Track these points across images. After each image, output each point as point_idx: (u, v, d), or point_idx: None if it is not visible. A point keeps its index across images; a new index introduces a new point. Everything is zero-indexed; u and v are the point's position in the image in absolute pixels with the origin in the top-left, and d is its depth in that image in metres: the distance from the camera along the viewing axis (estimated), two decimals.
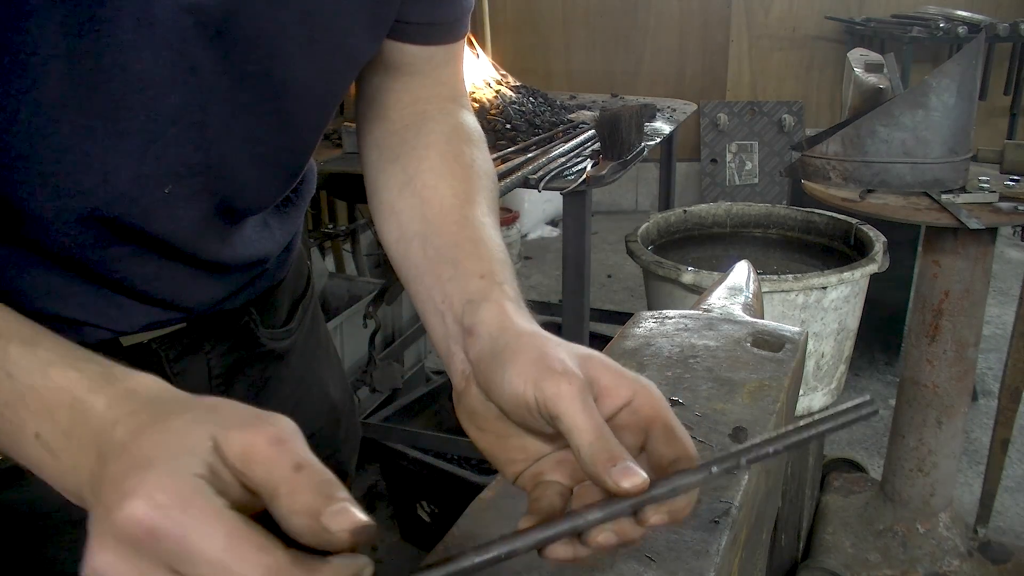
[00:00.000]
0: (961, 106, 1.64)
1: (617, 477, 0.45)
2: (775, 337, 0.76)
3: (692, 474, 0.47)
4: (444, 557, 0.44)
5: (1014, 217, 1.63)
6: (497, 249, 0.63)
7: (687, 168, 4.68)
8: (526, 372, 0.50)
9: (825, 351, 1.73)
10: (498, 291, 0.58)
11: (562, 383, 0.48)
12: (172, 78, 0.56)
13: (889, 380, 3.05)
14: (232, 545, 0.37)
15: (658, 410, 0.50)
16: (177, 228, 0.64)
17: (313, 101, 0.67)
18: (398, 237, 0.69)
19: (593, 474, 0.47)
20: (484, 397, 0.54)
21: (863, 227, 1.84)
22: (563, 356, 0.51)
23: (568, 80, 4.66)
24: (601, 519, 0.46)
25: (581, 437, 0.47)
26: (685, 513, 0.48)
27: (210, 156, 0.62)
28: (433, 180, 0.69)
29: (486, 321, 0.55)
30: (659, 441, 0.50)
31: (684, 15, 4.64)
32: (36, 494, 0.69)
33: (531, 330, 0.54)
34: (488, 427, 0.55)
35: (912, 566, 1.87)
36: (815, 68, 4.67)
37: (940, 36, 3.88)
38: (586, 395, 0.49)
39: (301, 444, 0.41)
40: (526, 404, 0.50)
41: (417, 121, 0.74)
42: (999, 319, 3.45)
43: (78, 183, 0.58)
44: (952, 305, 1.76)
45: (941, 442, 1.86)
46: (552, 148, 2.06)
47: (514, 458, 0.54)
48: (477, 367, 0.55)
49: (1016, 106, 4.22)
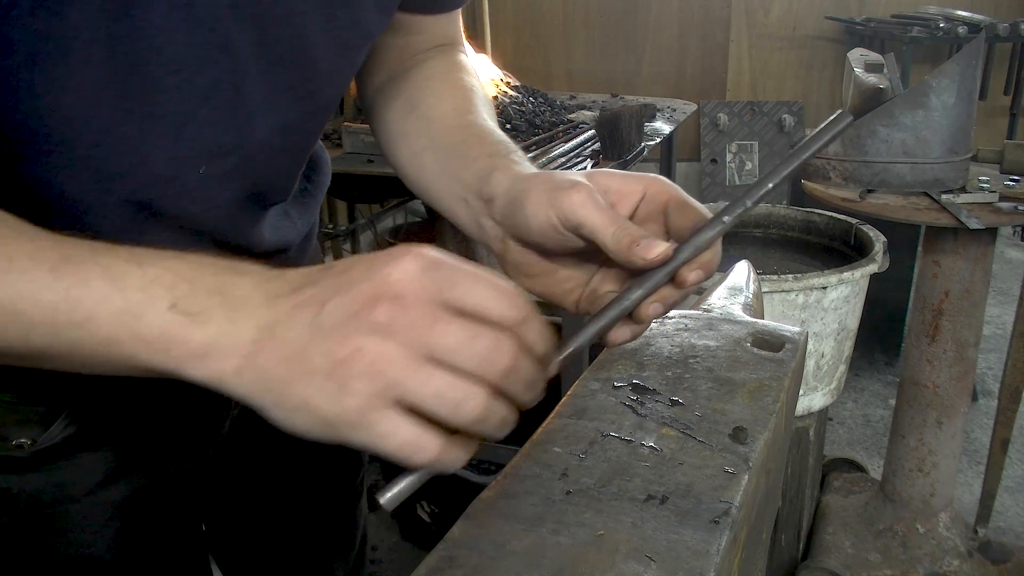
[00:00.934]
0: (961, 106, 1.64)
1: (642, 252, 0.51)
2: (775, 337, 0.76)
3: (709, 228, 0.53)
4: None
5: (1014, 217, 1.63)
6: (499, 136, 0.69)
7: (687, 168, 4.68)
8: (542, 200, 0.55)
9: (825, 351, 1.73)
10: (505, 160, 0.63)
11: (573, 194, 0.54)
12: (204, 58, 0.58)
13: (889, 380, 3.05)
14: (495, 281, 0.46)
15: (670, 192, 0.56)
16: (211, 210, 0.66)
17: (333, 80, 0.69)
18: (410, 155, 0.74)
19: (623, 260, 0.53)
20: (521, 247, 0.60)
21: (863, 227, 1.84)
22: (569, 176, 0.56)
23: (568, 80, 4.66)
24: (643, 295, 0.52)
25: (603, 232, 0.53)
26: (715, 265, 0.55)
27: (242, 135, 0.63)
28: (435, 101, 0.74)
29: (500, 182, 0.61)
30: (676, 216, 0.55)
31: (684, 15, 4.63)
32: (39, 483, 0.71)
33: (537, 170, 0.60)
34: (535, 271, 0.61)
35: (912, 566, 1.87)
36: (815, 68, 4.67)
37: (940, 36, 3.88)
38: (596, 196, 0.54)
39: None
40: (552, 226, 0.55)
41: (418, 63, 0.79)
42: (999, 319, 3.45)
43: (117, 165, 0.59)
44: (952, 305, 1.76)
45: (941, 442, 1.86)
46: (552, 148, 2.06)
47: (569, 288, 0.60)
48: (504, 224, 0.60)
49: (1016, 106, 4.22)
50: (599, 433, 0.62)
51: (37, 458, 0.70)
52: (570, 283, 0.61)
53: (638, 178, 0.57)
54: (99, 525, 0.76)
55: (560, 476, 0.58)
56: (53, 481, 0.72)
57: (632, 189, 0.56)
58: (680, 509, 0.55)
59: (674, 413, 0.65)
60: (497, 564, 0.49)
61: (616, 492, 0.56)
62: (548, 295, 0.61)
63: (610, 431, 0.63)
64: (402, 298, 0.43)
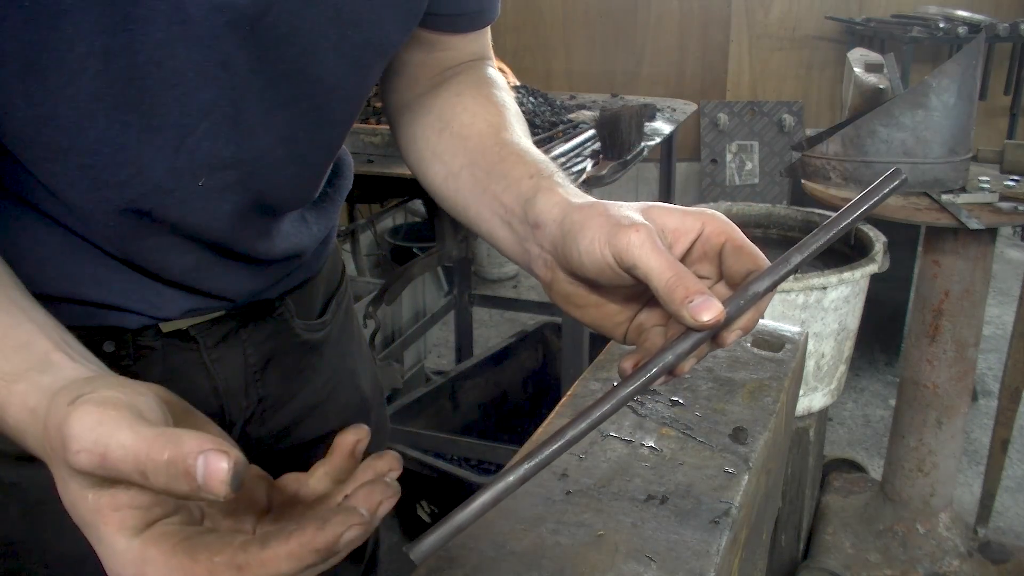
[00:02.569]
0: (961, 106, 1.64)
1: (695, 312, 0.49)
2: (775, 337, 0.76)
3: (760, 282, 0.51)
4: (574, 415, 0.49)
5: (1014, 217, 1.63)
6: (539, 156, 0.67)
7: (687, 168, 4.68)
8: (598, 236, 0.53)
9: (825, 351, 1.73)
10: (548, 182, 0.62)
11: (631, 233, 0.52)
12: (204, 74, 0.58)
13: (889, 380, 3.05)
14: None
15: (727, 232, 0.54)
16: (213, 220, 0.66)
17: (344, 95, 0.69)
18: (445, 175, 0.72)
19: (673, 312, 0.51)
20: (570, 278, 0.59)
21: (863, 227, 1.84)
22: (626, 212, 0.55)
23: (568, 80, 4.66)
24: (687, 350, 0.51)
25: (658, 278, 0.51)
26: (754, 325, 0.53)
27: (242, 150, 0.63)
28: (469, 119, 0.72)
29: (547, 210, 0.59)
30: (730, 259, 0.54)
31: (684, 15, 4.63)
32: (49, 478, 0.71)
33: (590, 201, 0.58)
34: (584, 302, 0.59)
35: (912, 566, 1.87)
36: (815, 68, 4.67)
37: (940, 36, 3.88)
38: (655, 238, 0.52)
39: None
40: (606, 264, 0.53)
41: (447, 79, 0.78)
42: (999, 319, 3.45)
43: (115, 175, 0.59)
44: (952, 305, 1.76)
45: (941, 442, 1.86)
46: (552, 148, 2.06)
47: (617, 321, 0.59)
48: (554, 253, 0.58)
49: (1016, 106, 4.22)
50: (599, 433, 0.62)
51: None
52: (619, 316, 0.60)
53: (696, 215, 0.55)
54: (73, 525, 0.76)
55: (560, 476, 0.58)
56: (36, 481, 0.72)
57: (689, 227, 0.55)
58: (680, 509, 0.55)
59: (674, 413, 0.65)
60: (497, 564, 0.49)
61: (616, 492, 0.56)
62: (596, 326, 0.61)
63: (610, 431, 0.63)
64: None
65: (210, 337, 0.75)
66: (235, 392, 0.79)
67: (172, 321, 0.73)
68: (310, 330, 0.84)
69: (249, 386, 0.80)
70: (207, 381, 0.77)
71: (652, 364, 0.50)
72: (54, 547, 0.76)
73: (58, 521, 0.75)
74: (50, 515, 0.74)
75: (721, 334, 0.52)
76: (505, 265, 4.13)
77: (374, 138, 2.05)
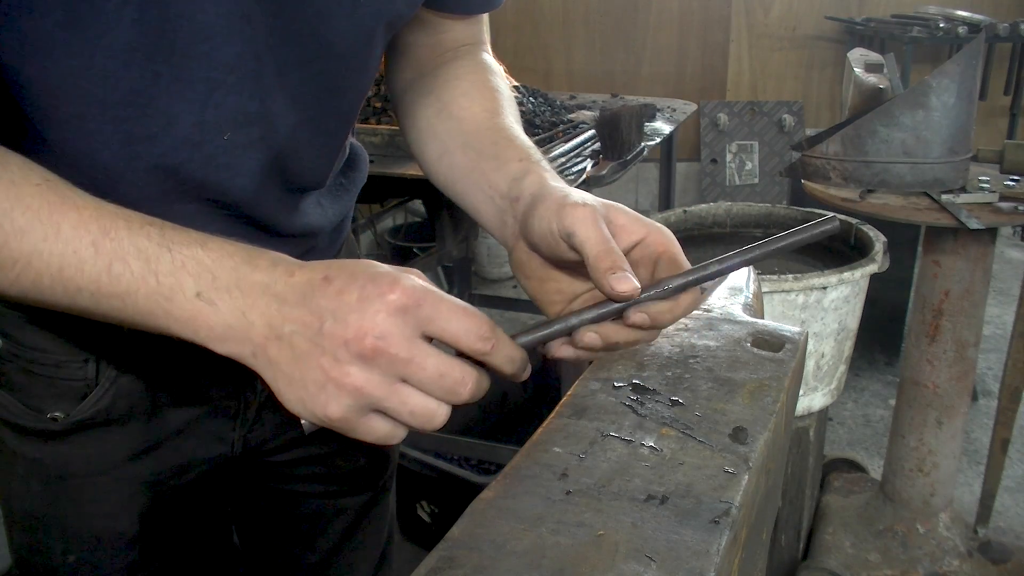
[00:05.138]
0: (961, 106, 1.64)
1: (614, 282, 0.55)
2: (775, 337, 0.76)
3: (673, 280, 0.57)
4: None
5: (1014, 217, 1.63)
6: (527, 141, 0.74)
7: (687, 168, 4.68)
8: (551, 208, 0.60)
9: (825, 351, 1.73)
10: (536, 167, 0.68)
11: (578, 209, 0.58)
12: (230, 28, 0.62)
13: (889, 380, 3.05)
14: (469, 314, 0.53)
15: (667, 245, 0.60)
16: (236, 179, 0.68)
17: (354, 64, 0.72)
18: (440, 152, 0.78)
19: (596, 278, 0.56)
20: (527, 249, 0.65)
21: (863, 227, 1.84)
22: (583, 195, 0.60)
23: (568, 80, 4.66)
24: (588, 319, 0.57)
25: (591, 248, 0.56)
26: (664, 321, 0.59)
27: (265, 105, 0.66)
28: (466, 103, 0.78)
29: (528, 186, 0.66)
30: (664, 269, 0.59)
31: (684, 15, 4.63)
32: (69, 455, 0.75)
33: (562, 186, 0.65)
34: (532, 274, 0.66)
35: (912, 566, 1.87)
36: (815, 68, 4.67)
37: (940, 36, 3.88)
38: (598, 218, 0.58)
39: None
40: (550, 232, 0.59)
41: (446, 62, 0.83)
42: (999, 319, 3.45)
43: (146, 128, 0.62)
44: (952, 305, 1.76)
45: (941, 442, 1.86)
46: (552, 148, 2.06)
47: (553, 299, 0.66)
48: (521, 223, 0.65)
49: (1016, 106, 4.22)
50: (599, 433, 0.63)
51: (69, 431, 0.76)
52: (558, 295, 0.65)
53: (644, 223, 0.61)
54: (124, 500, 0.80)
55: (560, 476, 0.58)
56: (82, 454, 0.77)
57: (634, 229, 0.60)
58: (680, 509, 0.55)
59: (674, 413, 0.65)
60: (497, 564, 0.49)
61: (616, 492, 0.56)
62: (536, 298, 0.67)
63: (610, 431, 0.63)
64: (386, 337, 0.50)
65: None
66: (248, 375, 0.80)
67: None
68: None
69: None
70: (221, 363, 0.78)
71: (559, 321, 0.58)
72: (73, 524, 0.80)
73: (77, 498, 0.79)
74: (71, 491, 0.79)
75: (629, 312, 0.58)
76: (505, 265, 4.13)
77: (374, 138, 2.06)
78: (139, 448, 0.79)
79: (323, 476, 0.93)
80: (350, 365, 0.50)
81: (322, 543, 0.97)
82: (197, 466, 0.83)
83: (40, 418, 0.75)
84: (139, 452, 0.79)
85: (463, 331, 0.52)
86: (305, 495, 0.94)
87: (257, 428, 0.85)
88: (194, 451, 0.82)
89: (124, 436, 0.78)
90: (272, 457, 0.89)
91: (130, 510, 0.80)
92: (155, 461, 0.80)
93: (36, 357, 0.74)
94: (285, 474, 0.92)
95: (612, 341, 0.59)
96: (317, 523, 0.96)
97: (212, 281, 0.53)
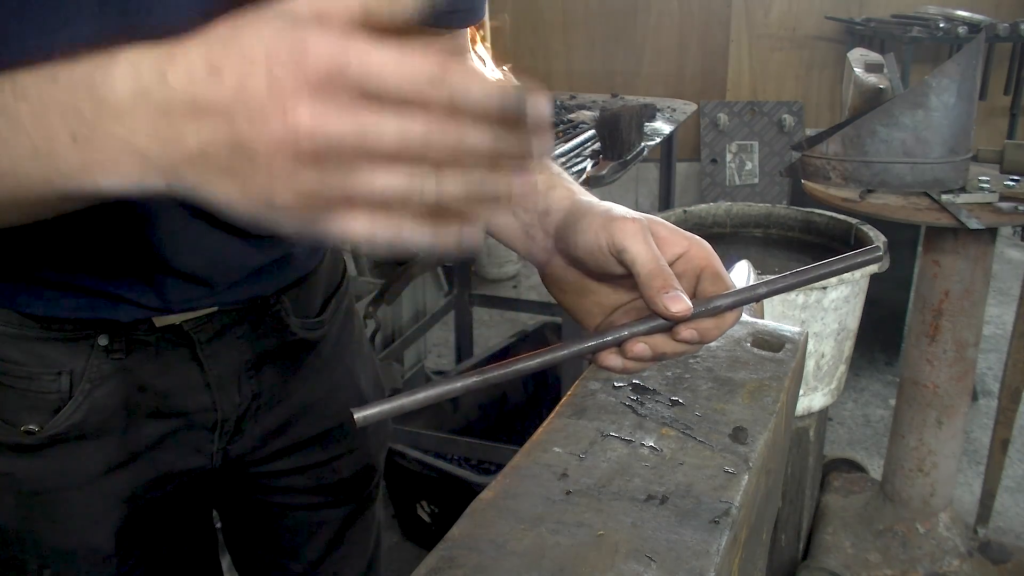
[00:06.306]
0: (961, 106, 1.64)
1: (668, 302, 0.55)
2: (775, 337, 0.76)
3: (722, 298, 0.57)
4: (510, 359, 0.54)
5: (1014, 217, 1.63)
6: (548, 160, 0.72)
7: (687, 168, 4.68)
8: (596, 223, 0.59)
9: (825, 351, 1.73)
10: (562, 181, 0.67)
11: (627, 223, 0.58)
12: (193, 22, 0.59)
13: (889, 380, 3.05)
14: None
15: (709, 259, 0.60)
16: None
17: None
18: None
19: (648, 296, 0.56)
20: (565, 264, 0.64)
21: (863, 227, 1.84)
22: (626, 209, 0.61)
23: (568, 80, 4.66)
24: (640, 332, 0.57)
25: (642, 265, 0.56)
26: (712, 336, 0.58)
27: None
28: None
29: (558, 200, 0.65)
30: (707, 283, 0.59)
31: (684, 15, 4.63)
32: (43, 469, 0.74)
33: (597, 200, 0.64)
34: (569, 288, 0.65)
35: (912, 566, 1.87)
36: (815, 68, 4.67)
37: (940, 36, 3.88)
38: (646, 233, 0.58)
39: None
40: (598, 246, 0.59)
41: None
42: (999, 319, 3.45)
43: None
44: (952, 305, 1.76)
45: (941, 442, 1.86)
46: (552, 148, 2.06)
47: (592, 311, 0.64)
48: (556, 237, 0.64)
49: (1016, 106, 4.21)
50: (599, 433, 0.63)
51: (42, 444, 0.73)
52: (597, 308, 0.64)
53: (686, 236, 0.60)
54: (99, 515, 0.78)
55: (560, 476, 0.58)
56: (57, 468, 0.75)
57: (676, 242, 0.60)
58: (680, 509, 0.55)
59: (674, 413, 0.65)
60: (497, 564, 0.49)
61: (616, 492, 0.56)
62: (573, 311, 0.65)
63: (610, 431, 0.63)
64: (323, 127, 0.38)
65: (203, 333, 0.76)
66: (227, 387, 0.80)
67: (166, 316, 0.74)
68: (308, 328, 0.85)
69: (243, 382, 0.80)
70: (199, 376, 0.78)
71: (612, 332, 0.57)
72: (49, 539, 0.78)
73: (52, 512, 0.76)
74: (45, 506, 0.76)
75: (678, 328, 0.57)
76: (505, 265, 4.13)
77: None
78: (114, 462, 0.77)
79: (307, 488, 0.92)
80: (293, 175, 0.39)
81: (307, 553, 0.96)
82: (175, 478, 0.81)
83: (14, 431, 0.73)
84: (115, 466, 0.77)
85: (406, 77, 0.38)
86: (289, 506, 0.93)
87: (238, 440, 0.84)
88: (172, 464, 0.80)
89: (99, 450, 0.76)
90: (255, 468, 0.88)
91: (107, 524, 0.78)
92: (131, 474, 0.78)
93: (8, 369, 0.72)
94: (268, 486, 0.91)
95: (660, 352, 0.59)
96: (302, 534, 0.95)
97: (78, 117, 0.43)
